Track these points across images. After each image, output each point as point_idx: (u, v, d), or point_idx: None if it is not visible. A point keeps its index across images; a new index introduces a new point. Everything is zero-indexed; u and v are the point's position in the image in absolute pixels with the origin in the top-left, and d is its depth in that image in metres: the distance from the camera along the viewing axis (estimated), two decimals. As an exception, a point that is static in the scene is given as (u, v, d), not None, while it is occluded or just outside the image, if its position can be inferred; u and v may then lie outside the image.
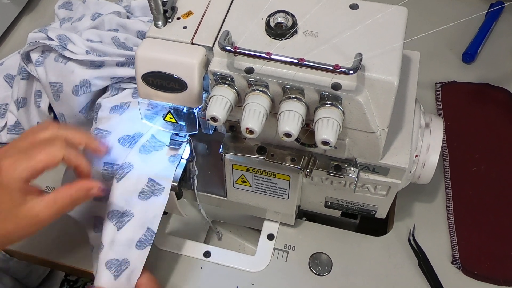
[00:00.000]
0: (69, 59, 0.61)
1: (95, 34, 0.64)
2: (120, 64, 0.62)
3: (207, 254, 0.63)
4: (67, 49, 0.61)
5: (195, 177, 0.60)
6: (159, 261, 0.62)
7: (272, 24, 0.48)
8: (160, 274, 0.61)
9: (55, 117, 0.67)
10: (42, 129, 0.50)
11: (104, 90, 0.64)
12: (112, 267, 0.54)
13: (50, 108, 0.67)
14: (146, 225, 0.55)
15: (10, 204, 0.46)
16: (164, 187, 0.56)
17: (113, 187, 0.56)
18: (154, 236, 0.55)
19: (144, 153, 0.57)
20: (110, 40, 0.63)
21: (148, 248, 0.55)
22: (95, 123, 0.61)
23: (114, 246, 0.55)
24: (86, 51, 0.61)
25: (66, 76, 0.61)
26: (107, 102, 0.61)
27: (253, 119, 0.45)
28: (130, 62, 0.62)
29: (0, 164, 0.46)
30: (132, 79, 0.63)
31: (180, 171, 0.57)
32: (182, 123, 0.55)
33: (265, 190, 0.58)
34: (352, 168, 0.52)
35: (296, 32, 0.48)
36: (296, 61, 0.44)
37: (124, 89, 0.63)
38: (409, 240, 0.63)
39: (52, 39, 0.61)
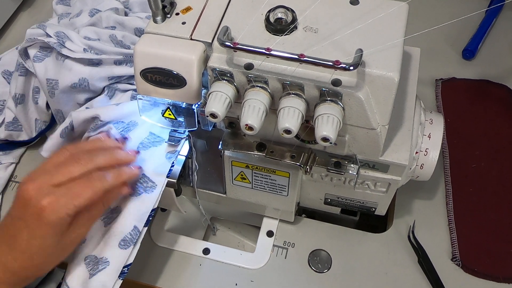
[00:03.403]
0: (67, 56, 0.61)
1: (92, 32, 0.64)
2: (118, 62, 0.62)
3: (206, 251, 0.63)
4: (65, 47, 0.60)
5: (194, 173, 0.60)
6: (158, 258, 0.62)
7: (272, 20, 0.48)
8: (159, 271, 0.61)
9: (53, 114, 0.67)
10: (73, 160, 0.49)
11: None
12: (90, 264, 0.53)
13: (48, 105, 0.66)
14: (133, 223, 0.54)
15: (56, 236, 0.47)
16: (156, 185, 0.55)
17: None
18: (139, 236, 0.53)
19: (143, 149, 0.57)
20: (107, 38, 0.63)
21: (131, 249, 0.53)
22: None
23: (96, 241, 0.53)
24: (84, 49, 0.61)
25: (63, 74, 0.61)
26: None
27: (252, 115, 0.44)
28: (127, 60, 0.62)
29: (41, 203, 0.46)
30: (129, 79, 0.63)
31: (179, 167, 0.56)
32: (181, 119, 0.55)
33: (264, 187, 0.58)
34: (352, 165, 0.52)
35: (296, 27, 0.48)
36: (296, 57, 0.43)
37: (121, 90, 0.63)
38: (408, 237, 0.63)
39: (50, 36, 0.61)
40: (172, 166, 0.56)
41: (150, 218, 0.54)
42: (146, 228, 0.54)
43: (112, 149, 0.53)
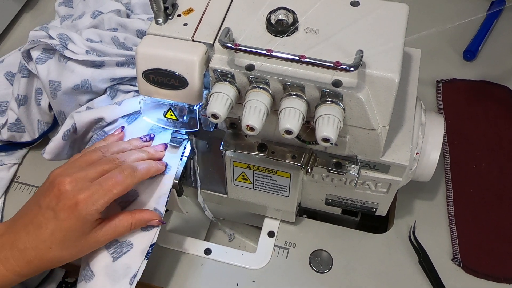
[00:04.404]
0: (70, 58, 0.61)
1: (95, 34, 0.64)
2: (120, 64, 0.62)
3: (207, 251, 0.63)
4: (68, 49, 0.61)
5: (197, 175, 0.60)
6: (160, 258, 0.63)
7: (273, 21, 0.48)
8: (161, 271, 0.61)
9: (55, 115, 0.67)
10: (107, 160, 0.51)
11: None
12: (112, 248, 0.53)
13: (51, 106, 0.67)
14: (152, 205, 0.54)
15: (80, 233, 0.49)
16: (171, 166, 0.56)
17: None
18: (162, 216, 0.54)
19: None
20: (109, 40, 0.64)
21: (155, 230, 0.54)
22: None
23: None
24: (86, 51, 0.61)
25: (66, 75, 0.61)
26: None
27: (253, 116, 0.45)
28: (129, 62, 0.62)
29: (77, 197, 0.48)
30: (131, 80, 0.63)
31: (180, 168, 0.57)
32: (183, 120, 0.55)
33: (265, 187, 0.58)
34: (352, 166, 0.52)
35: (297, 29, 0.48)
36: (297, 58, 0.44)
37: (123, 92, 0.63)
38: (409, 237, 0.63)
39: (53, 38, 0.61)
40: (182, 154, 0.57)
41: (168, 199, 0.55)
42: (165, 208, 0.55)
43: (142, 148, 0.55)
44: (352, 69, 0.43)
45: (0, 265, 0.48)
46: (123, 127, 0.58)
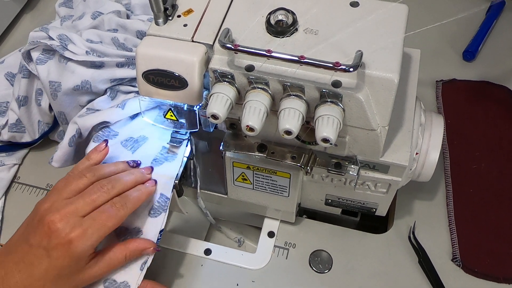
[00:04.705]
0: (70, 59, 0.61)
1: (95, 35, 0.64)
2: (120, 65, 0.62)
3: (207, 251, 0.63)
4: (68, 50, 0.61)
5: (197, 175, 0.61)
6: (160, 258, 0.63)
7: (272, 22, 0.48)
8: (161, 272, 0.61)
9: (56, 116, 0.68)
10: (95, 188, 0.50)
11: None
12: (122, 235, 0.53)
13: (51, 107, 0.67)
14: (159, 191, 0.55)
15: (75, 270, 0.48)
16: (177, 154, 0.56)
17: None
18: (167, 202, 0.54)
19: (156, 165, 0.57)
20: (110, 41, 0.64)
21: (162, 216, 0.54)
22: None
23: None
24: (86, 52, 0.61)
25: (66, 76, 0.61)
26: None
27: (253, 116, 0.45)
28: (129, 62, 0.62)
29: (69, 235, 0.46)
30: (131, 81, 0.63)
31: (180, 169, 0.57)
32: (183, 120, 0.56)
33: (265, 187, 0.58)
34: (352, 166, 0.52)
35: (296, 29, 0.48)
36: (297, 58, 0.44)
37: (123, 92, 0.63)
38: (409, 237, 0.63)
39: (53, 39, 0.61)
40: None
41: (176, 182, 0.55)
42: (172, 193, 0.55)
43: (128, 172, 0.54)
44: (351, 69, 0.43)
45: None
46: (106, 141, 0.56)
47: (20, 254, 0.48)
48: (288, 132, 0.44)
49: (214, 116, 0.46)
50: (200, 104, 0.52)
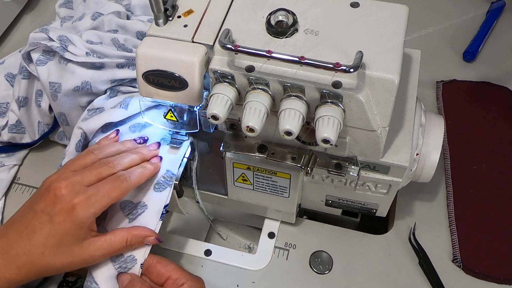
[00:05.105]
0: (70, 60, 0.61)
1: (95, 35, 0.64)
2: (120, 66, 0.62)
3: (208, 252, 0.63)
4: (68, 51, 0.61)
5: (195, 175, 0.60)
6: (160, 259, 0.62)
7: (272, 22, 0.48)
8: (161, 272, 0.61)
9: (55, 117, 0.68)
10: (102, 163, 0.51)
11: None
12: (127, 209, 0.53)
13: (51, 108, 0.67)
14: (165, 167, 0.55)
15: (74, 239, 0.48)
16: (187, 138, 0.57)
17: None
18: (173, 178, 0.55)
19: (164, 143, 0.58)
20: (110, 42, 0.64)
21: (167, 190, 0.54)
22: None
23: None
24: (86, 53, 0.61)
25: (66, 77, 0.61)
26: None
27: (253, 117, 0.45)
28: (130, 63, 0.62)
29: (73, 200, 0.47)
30: (131, 82, 0.63)
31: (181, 169, 0.57)
32: (183, 121, 0.55)
33: (265, 188, 0.58)
34: (352, 167, 0.52)
35: (296, 30, 0.48)
36: (297, 59, 0.44)
37: (124, 93, 0.63)
38: (409, 239, 0.63)
39: (53, 40, 0.61)
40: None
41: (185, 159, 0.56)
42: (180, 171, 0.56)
43: (135, 149, 0.55)
44: (352, 70, 0.43)
45: None
46: (118, 131, 0.58)
47: (24, 221, 0.49)
48: (289, 133, 0.44)
49: (214, 117, 0.46)
50: (200, 105, 0.52)
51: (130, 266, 0.52)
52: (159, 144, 0.57)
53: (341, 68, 0.43)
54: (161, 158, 0.56)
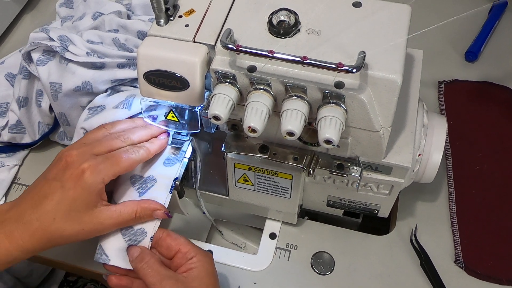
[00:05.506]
0: (71, 60, 0.61)
1: (95, 35, 0.64)
2: (121, 66, 0.62)
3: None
4: (68, 51, 0.61)
5: (197, 175, 0.60)
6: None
7: (274, 22, 0.48)
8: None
9: (56, 117, 0.67)
10: (113, 136, 0.53)
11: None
12: (137, 183, 0.54)
13: (51, 108, 0.67)
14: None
15: (84, 205, 0.49)
16: (185, 140, 0.58)
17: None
18: (184, 155, 0.56)
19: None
20: (110, 41, 0.63)
21: (177, 165, 0.55)
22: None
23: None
24: (87, 53, 0.61)
25: (67, 77, 0.61)
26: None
27: (255, 117, 0.45)
28: (130, 63, 0.62)
29: (83, 165, 0.49)
30: (132, 81, 0.63)
31: (182, 170, 0.56)
32: (184, 121, 0.55)
33: (267, 189, 0.58)
34: (354, 167, 0.52)
35: (298, 30, 0.48)
36: (299, 59, 0.43)
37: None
38: (411, 240, 0.63)
39: (54, 40, 0.61)
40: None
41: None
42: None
43: (145, 126, 0.57)
44: (354, 70, 0.42)
45: (5, 238, 0.48)
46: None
47: (36, 189, 0.50)
48: (290, 134, 0.44)
49: (216, 117, 0.45)
50: (202, 105, 0.52)
51: (140, 239, 0.53)
52: (168, 133, 0.58)
53: (343, 68, 0.42)
54: (168, 134, 0.57)
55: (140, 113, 0.59)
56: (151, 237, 0.52)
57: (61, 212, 0.49)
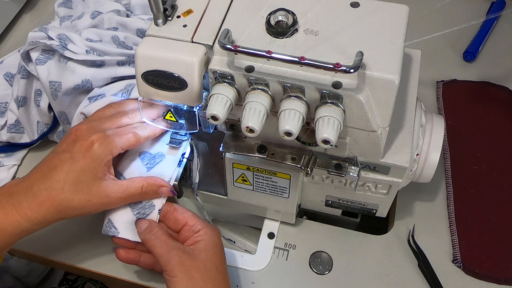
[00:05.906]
0: (70, 58, 0.61)
1: (94, 33, 0.64)
2: (120, 63, 0.62)
3: (207, 253, 0.63)
4: (68, 49, 0.61)
5: (196, 175, 0.60)
6: (160, 260, 0.62)
7: (272, 23, 0.48)
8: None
9: (55, 116, 0.67)
10: (121, 114, 0.55)
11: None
12: (145, 159, 0.56)
13: (50, 107, 0.67)
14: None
15: (92, 176, 0.50)
16: (183, 140, 0.58)
17: None
18: (190, 136, 0.57)
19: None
20: (110, 39, 0.63)
21: (185, 143, 0.57)
22: None
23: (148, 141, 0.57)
24: (86, 51, 0.61)
25: (66, 76, 0.61)
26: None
27: (253, 118, 0.45)
28: (130, 61, 0.62)
29: (92, 138, 0.50)
30: (133, 78, 0.63)
31: (180, 169, 0.56)
32: (182, 121, 0.55)
33: (265, 189, 0.58)
34: (352, 167, 0.52)
35: (296, 30, 0.48)
36: (297, 59, 0.43)
37: None
38: (408, 241, 0.63)
39: (53, 39, 0.61)
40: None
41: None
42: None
43: (151, 105, 0.58)
44: (352, 70, 0.42)
45: (13, 209, 0.49)
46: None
47: (47, 162, 0.52)
48: (288, 134, 0.44)
49: (214, 117, 0.46)
50: (200, 105, 0.52)
51: (148, 212, 0.54)
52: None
53: (341, 68, 0.42)
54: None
55: None
56: (159, 210, 0.54)
57: (70, 182, 0.49)
